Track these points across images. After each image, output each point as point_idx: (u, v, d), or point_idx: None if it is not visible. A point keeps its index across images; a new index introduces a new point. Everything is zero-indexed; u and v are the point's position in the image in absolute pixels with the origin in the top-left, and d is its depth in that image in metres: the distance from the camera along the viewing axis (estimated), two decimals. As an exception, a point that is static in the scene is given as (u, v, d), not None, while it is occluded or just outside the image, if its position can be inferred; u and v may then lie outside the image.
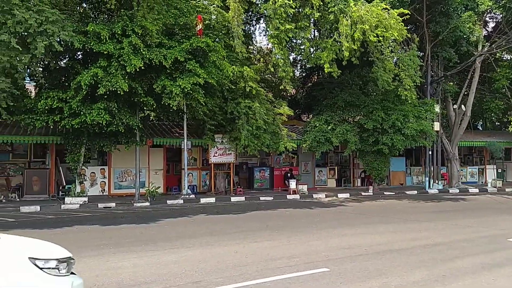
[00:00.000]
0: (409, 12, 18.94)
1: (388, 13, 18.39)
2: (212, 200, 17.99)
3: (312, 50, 21.01)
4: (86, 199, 16.42)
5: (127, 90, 15.11)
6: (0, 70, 13.30)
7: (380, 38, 17.95)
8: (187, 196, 18.01)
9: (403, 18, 18.66)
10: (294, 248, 8.90)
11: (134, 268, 7.28)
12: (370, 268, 7.24)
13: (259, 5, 21.43)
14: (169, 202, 17.16)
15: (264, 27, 25.27)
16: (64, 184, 17.99)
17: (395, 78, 20.43)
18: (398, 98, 21.26)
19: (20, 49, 12.86)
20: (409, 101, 20.79)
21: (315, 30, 22.17)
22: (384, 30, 17.87)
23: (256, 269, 7.14)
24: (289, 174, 22.27)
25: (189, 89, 15.84)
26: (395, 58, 21.23)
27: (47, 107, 15.34)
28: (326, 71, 19.13)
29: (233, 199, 18.71)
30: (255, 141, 18.97)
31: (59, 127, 16.24)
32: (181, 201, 17.40)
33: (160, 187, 18.90)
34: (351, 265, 7.41)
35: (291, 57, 24.19)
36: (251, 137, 18.80)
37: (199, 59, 16.81)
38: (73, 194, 16.43)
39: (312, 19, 19.82)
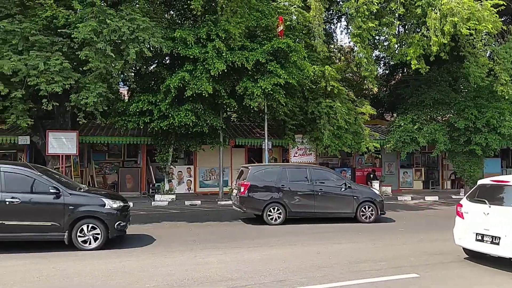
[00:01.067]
0: (504, 3, 17.48)
1: (481, 4, 17.14)
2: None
3: (397, 46, 20.21)
4: (174, 196, 17.26)
5: (211, 92, 15.66)
6: (97, 76, 14.40)
7: (472, 31, 16.78)
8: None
9: (497, 9, 17.29)
10: (379, 252, 8.63)
11: (220, 264, 7.52)
12: (467, 275, 6.80)
13: (341, 3, 21.07)
14: (251, 201, 17.46)
15: (345, 26, 24.82)
16: (154, 182, 19.07)
17: (489, 73, 18.99)
18: (493, 94, 19.74)
19: (114, 56, 13.83)
20: (506, 97, 19.19)
21: (400, 26, 21.31)
22: (477, 22, 16.65)
23: (341, 271, 7.03)
24: (371, 175, 21.62)
25: (270, 90, 16.05)
26: (489, 51, 19.73)
27: (138, 110, 16.36)
28: (413, 68, 18.29)
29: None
30: (336, 141, 18.70)
31: (149, 128, 17.23)
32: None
33: (242, 186, 19.30)
34: (443, 272, 7.02)
35: (373, 55, 23.47)
36: (332, 137, 18.56)
37: (280, 60, 16.95)
38: (162, 191, 17.36)
39: (397, 14, 19.07)
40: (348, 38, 21.08)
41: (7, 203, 8.22)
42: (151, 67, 18.73)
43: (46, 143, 16.25)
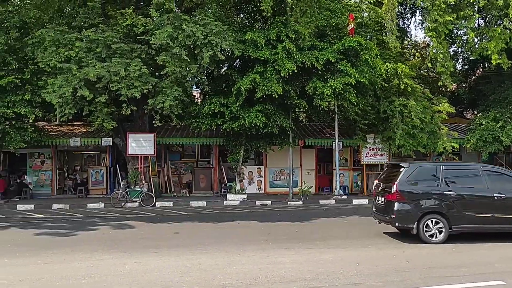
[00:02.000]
0: None
1: None
2: (364, 201, 17.58)
3: (476, 40, 19.05)
4: (245, 196, 17.58)
5: (281, 93, 15.75)
6: (173, 80, 15.09)
7: None
8: (339, 197, 17.95)
9: None
10: (460, 257, 8.19)
11: (292, 264, 7.54)
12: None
13: (415, -4, 20.25)
14: (321, 202, 17.32)
15: (420, 20, 23.81)
16: (226, 182, 19.55)
17: None
18: None
19: (189, 60, 14.41)
20: None
21: (480, 18, 20.06)
22: None
23: (419, 276, 6.76)
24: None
25: (340, 89, 15.85)
26: None
27: (210, 112, 16.85)
28: (493, 63, 17.18)
29: (387, 201, 17.96)
30: (410, 141, 18.00)
31: (221, 129, 17.70)
32: (333, 202, 17.42)
33: (312, 186, 19.21)
34: (533, 281, 6.51)
35: (451, 50, 22.32)
36: (406, 137, 17.89)
37: (350, 58, 16.67)
38: (233, 191, 17.75)
39: (476, 7, 17.99)
40: (423, 33, 20.20)
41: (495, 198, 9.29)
42: (222, 70, 19.22)
43: (127, 144, 17.28)
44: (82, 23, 15.56)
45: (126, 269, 7.34)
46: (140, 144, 17.35)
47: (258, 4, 16.58)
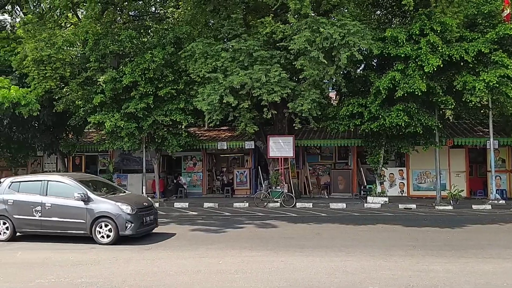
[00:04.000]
0: None
1: None
2: (527, 207, 15.57)
3: None
4: (386, 199, 16.93)
5: (425, 90, 14.82)
6: (311, 83, 15.28)
7: None
8: (496, 202, 16.18)
9: None
10: None
11: (447, 273, 7.04)
12: None
13: None
14: (474, 207, 15.80)
15: None
16: (365, 184, 19.08)
17: None
18: None
19: (326, 62, 14.44)
20: None
21: None
22: None
23: None
24: None
25: (495, 82, 14.32)
26: None
27: (348, 113, 16.63)
28: None
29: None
30: None
31: (360, 130, 17.33)
32: (488, 207, 15.76)
33: (463, 190, 17.66)
34: None
35: None
36: None
37: (507, 48, 14.96)
38: (374, 193, 17.24)
39: None
40: None
41: None
42: (359, 70, 18.82)
43: (267, 147, 18.02)
44: (227, 35, 16.67)
45: (274, 266, 7.67)
46: (280, 147, 17.94)
47: (398, -2, 15.90)
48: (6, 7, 28.47)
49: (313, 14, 15.26)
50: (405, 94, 15.19)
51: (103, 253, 9.08)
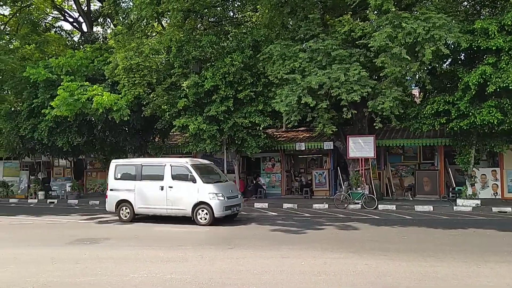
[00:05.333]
0: None
1: None
2: None
3: None
4: (478, 201, 15.82)
5: (523, 84, 13.66)
6: (392, 80, 14.74)
7: None
8: None
9: None
10: None
11: (552, 283, 6.45)
12: None
13: None
14: None
15: None
16: (454, 186, 17.97)
17: None
18: None
19: (409, 58, 13.83)
20: None
21: None
22: None
23: None
24: None
25: None
26: None
27: (433, 111, 15.80)
28: None
29: None
30: None
31: (447, 129, 16.38)
32: None
33: None
34: None
35: None
36: None
37: None
38: (464, 196, 16.17)
39: None
40: None
41: None
42: (445, 65, 17.79)
43: (347, 147, 17.68)
44: (304, 35, 16.61)
45: (357, 269, 7.51)
46: (360, 147, 17.51)
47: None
48: (99, 20, 30.95)
49: (394, 9, 14.71)
50: (498, 89, 14.12)
51: (190, 252, 9.46)
